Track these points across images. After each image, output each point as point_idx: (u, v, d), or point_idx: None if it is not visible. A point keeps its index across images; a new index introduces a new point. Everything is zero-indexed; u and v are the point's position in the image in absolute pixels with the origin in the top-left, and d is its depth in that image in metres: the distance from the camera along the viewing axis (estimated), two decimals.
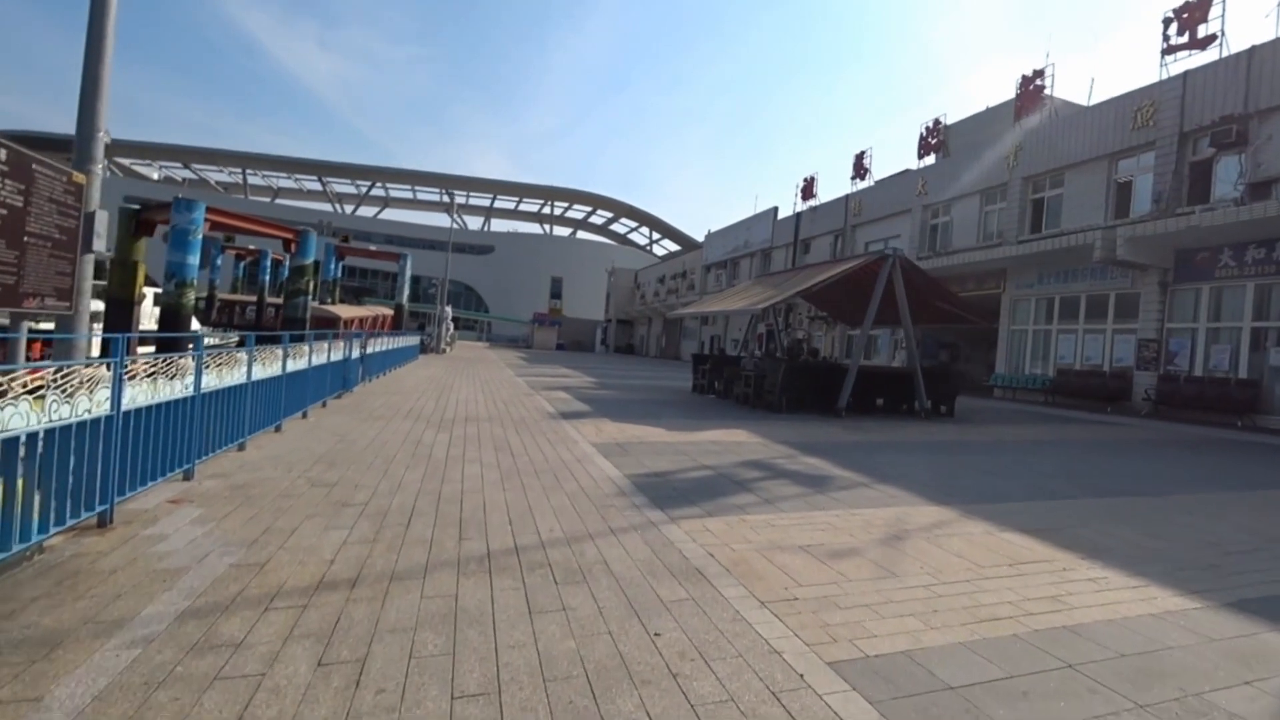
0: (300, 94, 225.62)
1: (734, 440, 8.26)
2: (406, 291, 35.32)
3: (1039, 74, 21.45)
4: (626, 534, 4.11)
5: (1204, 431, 12.68)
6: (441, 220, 78.22)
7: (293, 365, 7.07)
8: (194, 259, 14.73)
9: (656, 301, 48.51)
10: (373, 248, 40.99)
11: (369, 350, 12.91)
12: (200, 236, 14.87)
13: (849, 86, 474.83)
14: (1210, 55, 16.41)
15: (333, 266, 34.41)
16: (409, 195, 75.21)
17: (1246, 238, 14.65)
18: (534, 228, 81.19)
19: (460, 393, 12.19)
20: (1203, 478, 7.51)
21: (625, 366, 30.31)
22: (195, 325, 16.89)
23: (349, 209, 73.49)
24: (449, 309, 39.59)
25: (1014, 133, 22.08)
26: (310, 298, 20.08)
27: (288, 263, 20.81)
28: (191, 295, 15.00)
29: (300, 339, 7.95)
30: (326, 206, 72.70)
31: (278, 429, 6.81)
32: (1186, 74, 16.61)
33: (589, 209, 78.18)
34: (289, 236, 19.69)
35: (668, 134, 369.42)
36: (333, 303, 34.16)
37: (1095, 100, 19.41)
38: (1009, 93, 23.84)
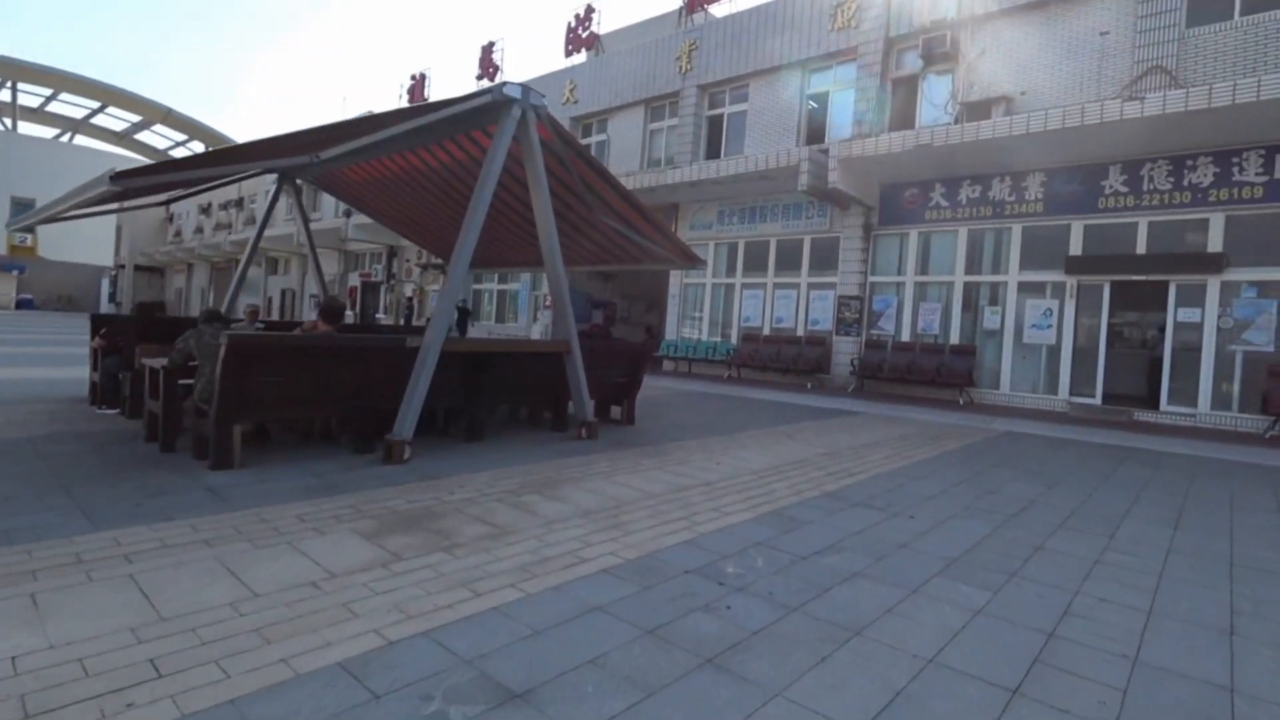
0: None
1: None
2: None
3: None
4: None
5: (957, 419, 9.71)
6: None
7: None
8: None
9: (198, 241, 34.94)
10: None
11: None
12: None
13: None
14: None
15: None
16: None
17: (962, 171, 12.59)
18: None
19: None
20: None
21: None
22: None
23: None
24: None
25: (685, 28, 18.25)
26: None
27: None
28: None
29: None
30: None
31: None
32: None
33: (95, 105, 55.68)
34: None
35: (262, 36, 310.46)
36: None
37: None
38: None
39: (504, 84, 5.67)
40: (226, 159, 5.32)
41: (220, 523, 3.34)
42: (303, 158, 4.95)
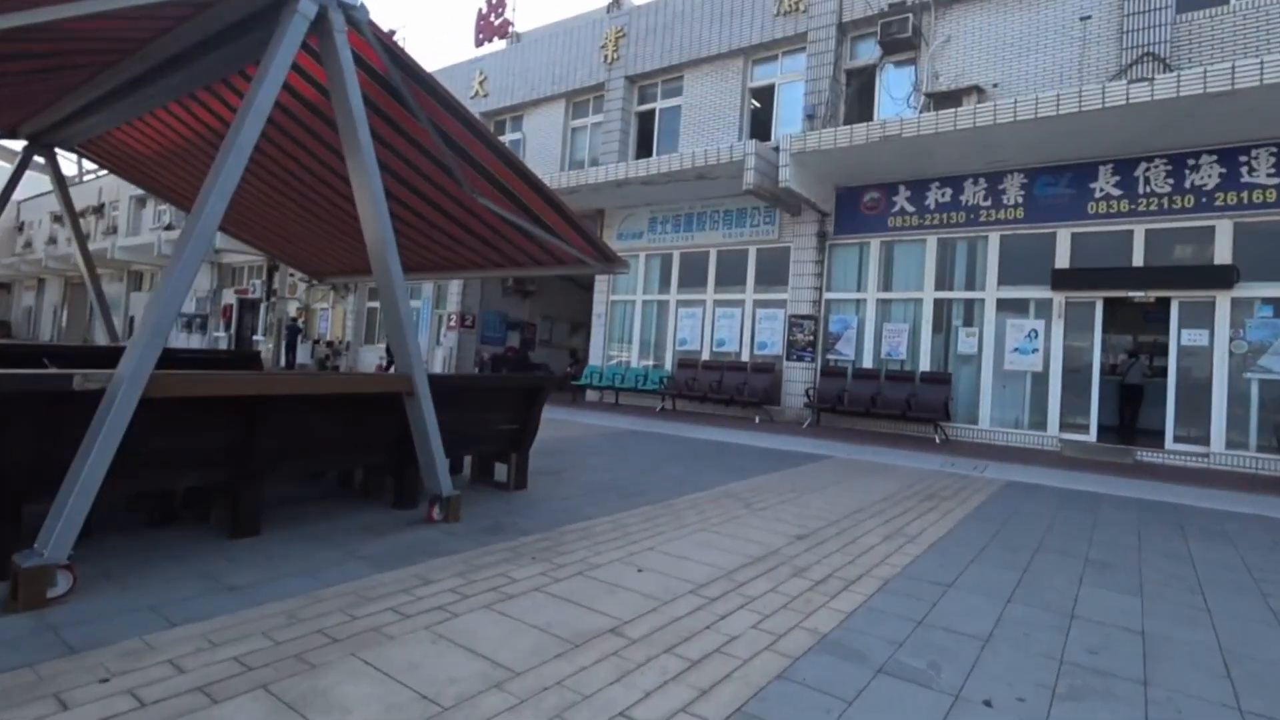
0: None
1: None
2: None
3: None
4: None
5: (940, 464, 8.01)
6: None
7: None
8: None
9: (51, 254, 30.71)
10: None
11: None
12: None
13: None
14: None
15: None
16: None
17: (930, 171, 11.19)
18: None
19: None
20: None
21: None
22: None
23: None
24: None
25: (612, 13, 16.57)
26: None
27: None
28: None
29: None
30: None
31: None
32: None
33: None
34: None
35: None
36: None
37: None
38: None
39: None
40: None
41: None
42: None
